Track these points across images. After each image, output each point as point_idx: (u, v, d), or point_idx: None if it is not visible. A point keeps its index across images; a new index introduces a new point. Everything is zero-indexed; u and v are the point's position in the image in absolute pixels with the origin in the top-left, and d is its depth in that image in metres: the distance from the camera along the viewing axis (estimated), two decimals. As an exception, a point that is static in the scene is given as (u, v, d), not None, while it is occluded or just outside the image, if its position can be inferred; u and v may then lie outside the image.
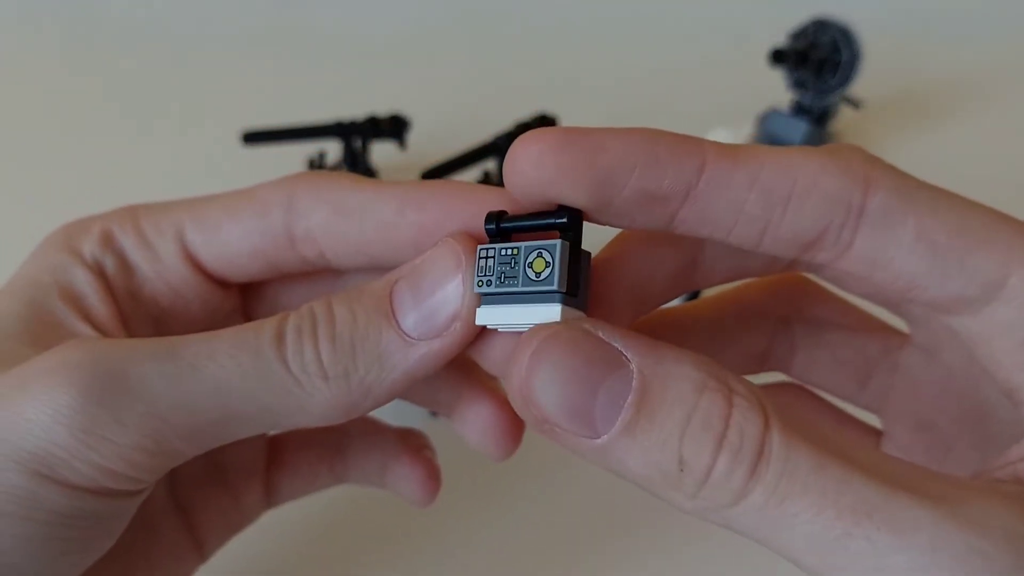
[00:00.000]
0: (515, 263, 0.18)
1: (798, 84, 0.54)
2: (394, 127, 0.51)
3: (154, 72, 0.71)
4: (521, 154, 0.17)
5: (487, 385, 0.24)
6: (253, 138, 0.50)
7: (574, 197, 0.17)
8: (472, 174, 0.50)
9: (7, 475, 0.18)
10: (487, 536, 0.33)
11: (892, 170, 0.18)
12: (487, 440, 0.24)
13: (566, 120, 0.50)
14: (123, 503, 0.20)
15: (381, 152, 0.53)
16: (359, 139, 0.51)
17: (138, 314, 0.23)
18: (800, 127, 0.54)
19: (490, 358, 0.20)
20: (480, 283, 0.19)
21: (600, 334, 0.17)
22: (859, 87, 0.53)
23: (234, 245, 0.22)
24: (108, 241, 0.23)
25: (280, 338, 0.19)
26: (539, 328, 0.17)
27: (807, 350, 0.24)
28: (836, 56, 0.52)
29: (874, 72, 0.55)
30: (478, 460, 0.26)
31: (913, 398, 0.23)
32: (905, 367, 0.23)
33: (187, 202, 0.23)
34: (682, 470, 0.16)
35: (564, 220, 0.18)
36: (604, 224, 0.18)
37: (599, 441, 0.16)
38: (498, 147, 0.48)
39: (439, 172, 0.48)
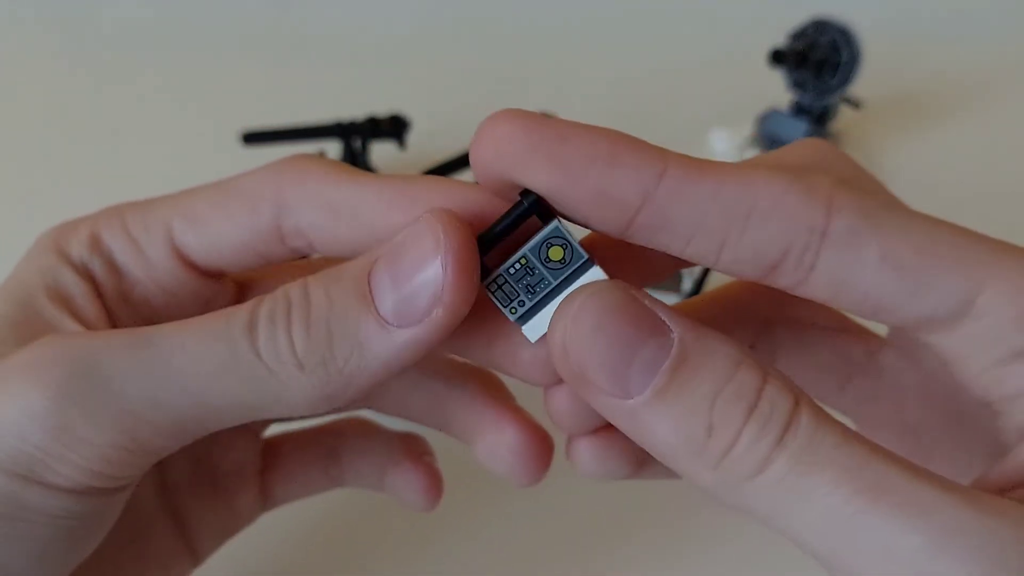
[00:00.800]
0: (533, 269, 0.18)
1: (798, 84, 0.54)
2: (394, 127, 0.51)
3: (153, 72, 0.71)
4: (487, 132, 0.17)
5: (511, 408, 0.23)
6: (253, 138, 0.50)
7: (533, 182, 0.17)
8: (471, 174, 0.50)
9: None
10: (485, 540, 0.33)
11: (858, 193, 0.17)
12: (516, 465, 0.23)
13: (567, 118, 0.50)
14: (106, 500, 0.19)
15: (381, 152, 0.53)
16: (359, 139, 0.51)
17: (130, 315, 0.22)
18: (800, 127, 0.54)
19: (523, 361, 0.20)
20: (514, 310, 0.18)
21: (645, 301, 0.17)
22: (859, 87, 0.53)
23: (224, 239, 0.21)
24: (95, 244, 0.22)
25: (252, 325, 0.18)
26: (588, 286, 0.17)
27: (788, 351, 0.24)
28: (836, 56, 0.52)
29: (874, 72, 0.55)
30: (475, 464, 0.25)
31: (893, 403, 0.23)
32: (886, 371, 0.23)
33: (173, 198, 0.23)
34: (710, 436, 0.16)
35: (531, 203, 0.18)
36: (567, 220, 0.18)
37: (630, 403, 0.16)
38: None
39: (438, 173, 0.48)
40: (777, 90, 0.55)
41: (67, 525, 0.19)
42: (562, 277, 0.18)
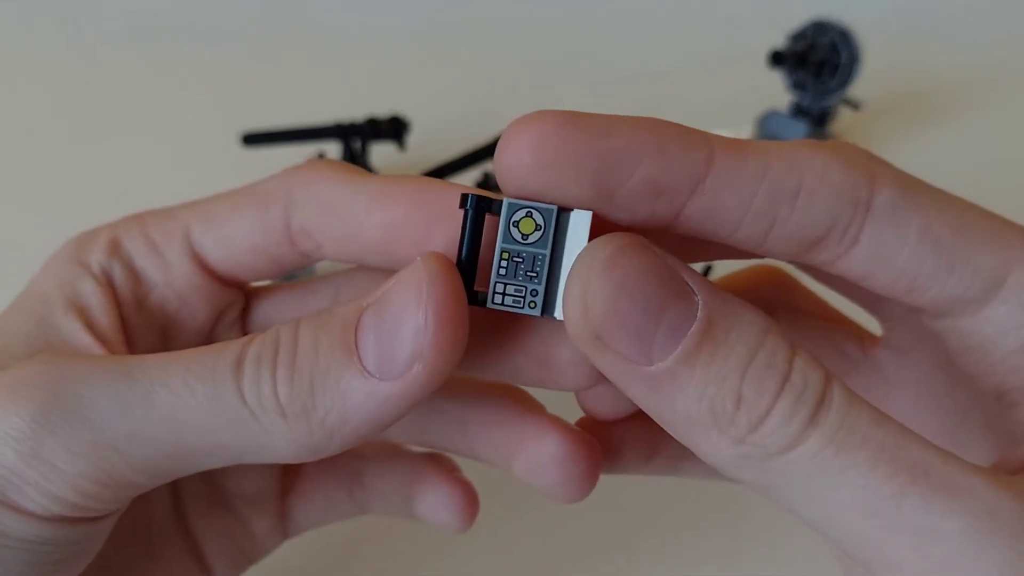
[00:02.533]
0: (519, 254, 0.17)
1: (797, 86, 0.54)
2: (393, 128, 0.51)
3: (153, 73, 0.71)
4: (516, 137, 0.16)
5: (548, 417, 0.22)
6: (253, 140, 0.50)
7: (575, 187, 0.16)
8: (472, 175, 0.50)
9: None
10: (491, 546, 0.33)
11: (894, 167, 0.17)
12: (563, 478, 0.21)
13: (565, 121, 0.50)
14: (83, 530, 0.19)
15: (381, 153, 0.53)
16: (358, 140, 0.51)
17: (144, 324, 0.22)
18: (799, 128, 0.54)
19: (561, 363, 0.18)
20: (533, 305, 0.17)
21: (668, 261, 0.16)
22: (858, 88, 0.53)
23: (238, 241, 0.21)
24: (115, 249, 0.22)
25: (240, 365, 0.17)
26: (611, 237, 0.16)
27: None
28: (835, 58, 0.52)
29: (873, 74, 0.55)
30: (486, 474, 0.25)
31: (887, 400, 0.22)
32: (881, 369, 0.22)
33: (192, 203, 0.22)
34: (738, 408, 0.15)
35: (473, 203, 0.17)
36: (605, 217, 0.17)
37: (651, 369, 0.15)
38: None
39: (439, 174, 0.48)
40: (777, 91, 0.55)
41: (42, 551, 0.18)
42: (550, 241, 0.17)
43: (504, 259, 0.17)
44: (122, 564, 0.21)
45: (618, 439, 0.21)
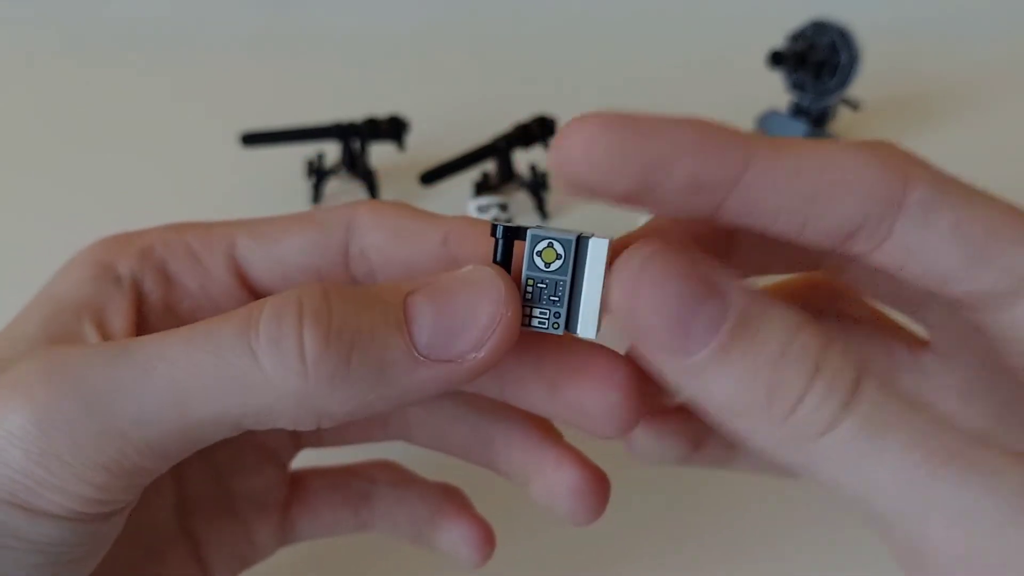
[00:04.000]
0: (542, 281, 0.18)
1: (797, 86, 0.54)
2: (393, 128, 0.51)
3: (153, 74, 0.71)
4: (569, 137, 0.17)
5: (567, 447, 0.23)
6: (252, 140, 0.50)
7: (622, 182, 0.17)
8: (471, 175, 0.50)
9: None
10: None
11: (928, 165, 0.18)
12: (576, 505, 0.22)
13: (564, 122, 0.50)
14: (97, 526, 0.19)
15: (380, 153, 0.53)
16: (358, 140, 0.51)
17: (171, 328, 0.22)
18: (799, 129, 0.54)
19: (592, 414, 0.20)
20: (556, 325, 0.18)
21: (702, 265, 0.17)
22: (857, 89, 0.53)
23: (290, 259, 0.22)
24: (148, 254, 0.22)
25: (250, 325, 0.17)
26: (645, 242, 0.17)
27: None
28: (835, 58, 0.52)
29: (872, 74, 0.55)
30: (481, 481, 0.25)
31: (936, 400, 0.23)
32: (928, 371, 0.23)
33: (236, 221, 0.23)
34: (773, 396, 0.16)
35: (503, 233, 0.18)
36: (646, 210, 0.18)
37: (691, 360, 0.16)
38: (497, 148, 0.48)
39: (439, 173, 0.48)
40: (776, 91, 0.55)
41: (56, 551, 0.18)
42: (570, 268, 0.18)
43: (529, 285, 0.18)
44: (124, 565, 0.21)
45: (667, 428, 0.21)
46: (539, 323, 0.18)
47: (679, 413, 0.21)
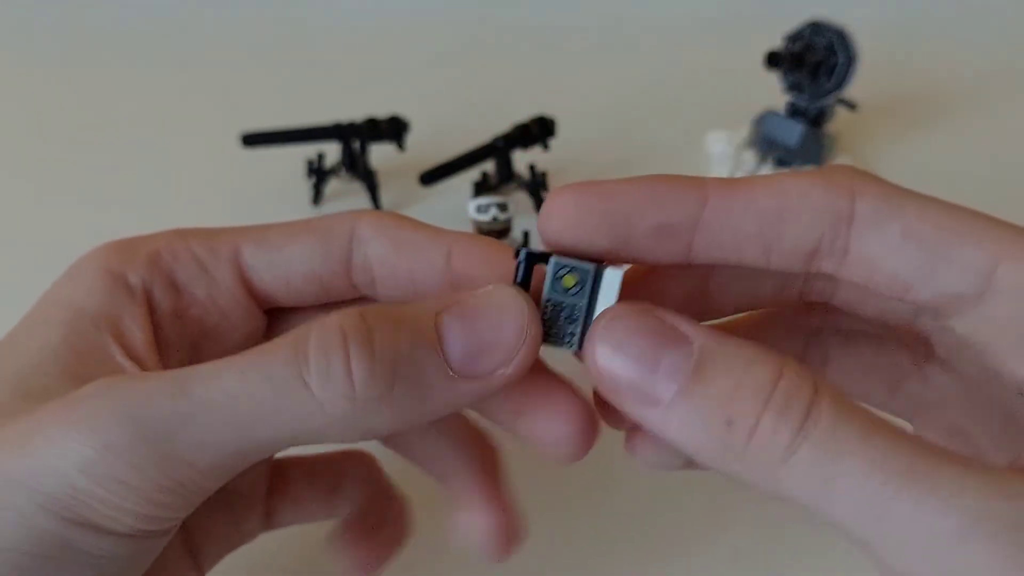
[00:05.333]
0: (561, 304, 0.20)
1: (794, 86, 0.54)
2: (393, 129, 0.51)
3: (154, 74, 0.71)
4: (551, 206, 0.19)
5: (496, 491, 0.24)
6: (252, 140, 0.50)
7: (597, 239, 0.19)
8: (471, 175, 0.50)
9: (38, 520, 0.18)
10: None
11: (877, 180, 0.19)
12: (485, 547, 0.24)
13: (563, 122, 0.51)
14: (154, 541, 0.20)
15: (380, 154, 0.53)
16: (358, 141, 0.51)
17: (179, 337, 0.23)
18: (796, 129, 0.55)
19: (549, 440, 0.22)
20: (570, 344, 0.20)
21: (666, 317, 0.18)
22: (855, 89, 0.54)
23: (294, 266, 0.23)
24: (155, 262, 0.23)
25: (299, 355, 0.18)
26: (607, 311, 0.19)
27: (839, 359, 0.24)
28: (832, 59, 0.52)
29: (869, 74, 0.55)
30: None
31: (940, 407, 0.23)
32: (931, 380, 0.23)
33: (239, 228, 0.24)
34: (730, 428, 0.17)
35: (525, 257, 0.20)
36: (630, 262, 0.20)
37: (660, 408, 0.18)
38: (496, 149, 0.49)
39: (438, 174, 0.48)
40: (774, 92, 0.55)
41: (111, 567, 0.19)
42: (587, 295, 0.20)
43: (549, 307, 0.20)
44: None
45: (663, 443, 0.21)
46: (555, 341, 0.20)
47: None
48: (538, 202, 0.51)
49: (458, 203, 0.50)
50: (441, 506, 0.25)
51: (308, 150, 0.52)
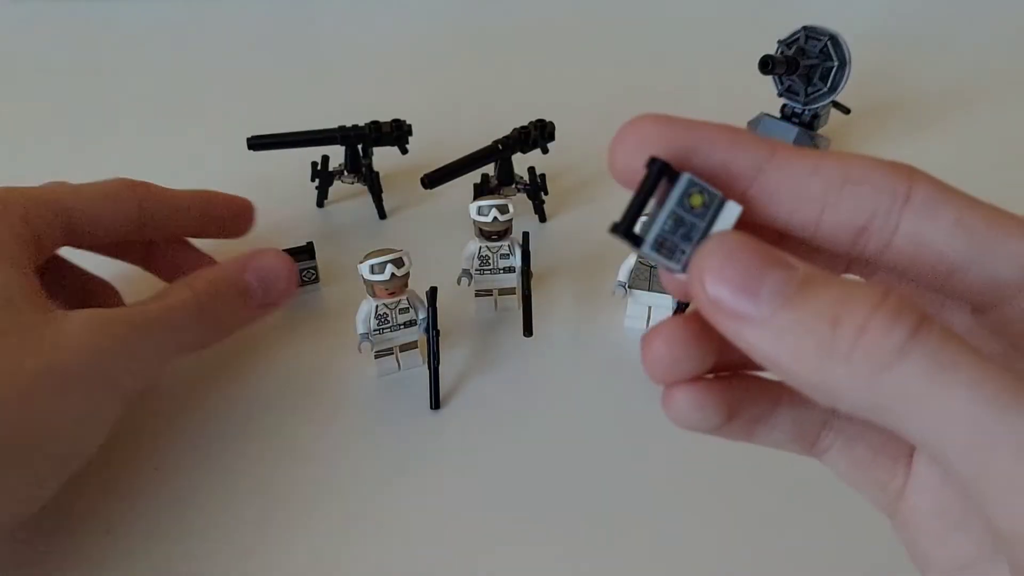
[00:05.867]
0: (682, 220, 0.20)
1: (788, 90, 0.55)
2: (396, 133, 0.52)
3: (160, 79, 0.72)
4: (628, 130, 0.20)
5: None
6: (257, 144, 0.51)
7: (670, 151, 0.20)
8: (472, 178, 0.51)
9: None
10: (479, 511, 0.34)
11: (931, 176, 0.20)
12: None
13: (562, 126, 0.51)
14: (128, 402, 0.34)
15: (383, 157, 0.54)
16: (361, 144, 0.52)
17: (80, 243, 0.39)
18: (790, 132, 0.55)
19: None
20: (678, 260, 0.20)
21: (773, 248, 0.19)
22: (848, 93, 0.54)
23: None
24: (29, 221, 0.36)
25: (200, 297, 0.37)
26: (716, 235, 0.19)
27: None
28: (825, 63, 0.53)
29: (862, 79, 0.56)
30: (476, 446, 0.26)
31: None
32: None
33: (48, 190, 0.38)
34: (835, 328, 0.17)
35: (659, 167, 0.19)
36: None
37: (759, 318, 0.18)
38: (497, 152, 0.49)
39: (440, 176, 0.49)
40: (768, 96, 0.56)
41: (109, 421, 0.33)
42: (708, 218, 0.20)
43: (673, 220, 0.20)
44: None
45: (707, 399, 0.22)
46: (665, 256, 0.20)
47: (718, 383, 0.22)
48: (537, 204, 0.52)
49: (459, 205, 0.51)
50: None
51: (312, 153, 0.53)
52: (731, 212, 0.20)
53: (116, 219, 0.39)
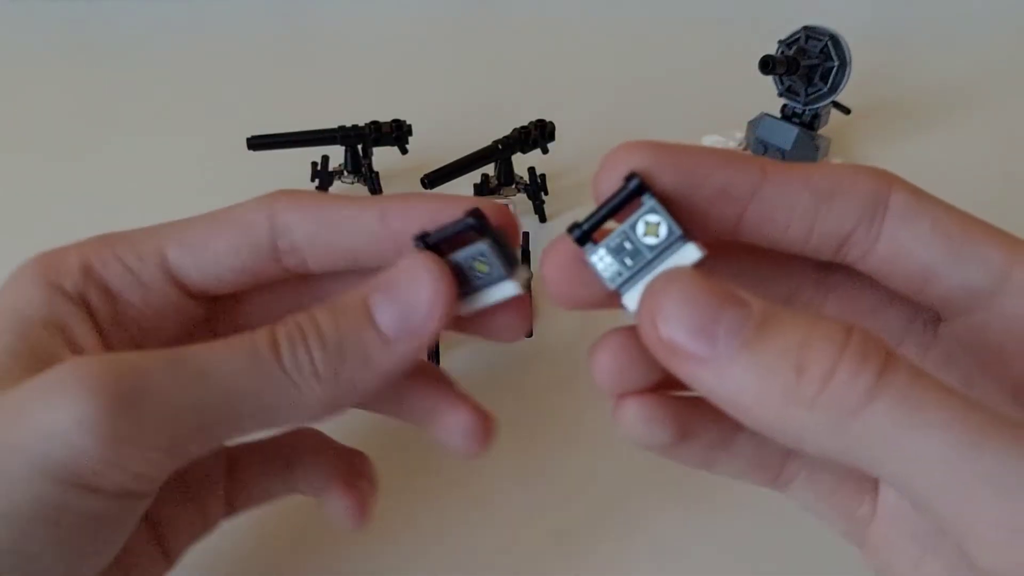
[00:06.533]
0: (632, 243, 0.20)
1: (788, 91, 0.55)
2: (396, 133, 0.52)
3: (159, 78, 0.72)
4: (620, 153, 0.20)
5: (461, 396, 0.26)
6: (257, 144, 0.51)
7: (668, 179, 0.20)
8: (472, 178, 0.51)
9: (35, 485, 0.19)
10: (471, 534, 0.34)
11: (908, 182, 0.21)
12: (468, 442, 0.25)
13: (562, 126, 0.51)
14: (137, 503, 0.22)
15: (383, 157, 0.54)
16: (361, 144, 0.52)
17: (121, 338, 0.24)
18: (791, 132, 0.55)
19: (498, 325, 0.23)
20: (613, 280, 0.20)
21: (726, 284, 0.18)
22: (848, 93, 0.54)
23: (221, 262, 0.24)
24: (89, 273, 0.24)
25: (275, 345, 0.21)
26: (668, 271, 0.19)
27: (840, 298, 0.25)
28: (826, 63, 0.53)
29: (863, 79, 0.56)
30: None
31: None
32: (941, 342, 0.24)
33: (163, 227, 0.25)
34: (801, 374, 0.17)
35: (635, 185, 0.19)
36: (688, 221, 0.20)
37: (717, 360, 0.17)
38: (497, 152, 0.49)
39: (440, 177, 0.49)
40: (769, 96, 0.56)
41: (103, 528, 0.21)
42: (658, 251, 0.19)
43: (620, 237, 0.20)
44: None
45: (656, 412, 0.22)
46: (604, 268, 0.20)
47: (672, 401, 0.22)
48: (538, 204, 0.52)
49: (460, 205, 0.50)
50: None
51: (313, 153, 0.53)
52: (688, 254, 0.19)
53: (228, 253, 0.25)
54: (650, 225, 0.19)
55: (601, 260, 0.20)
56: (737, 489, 0.35)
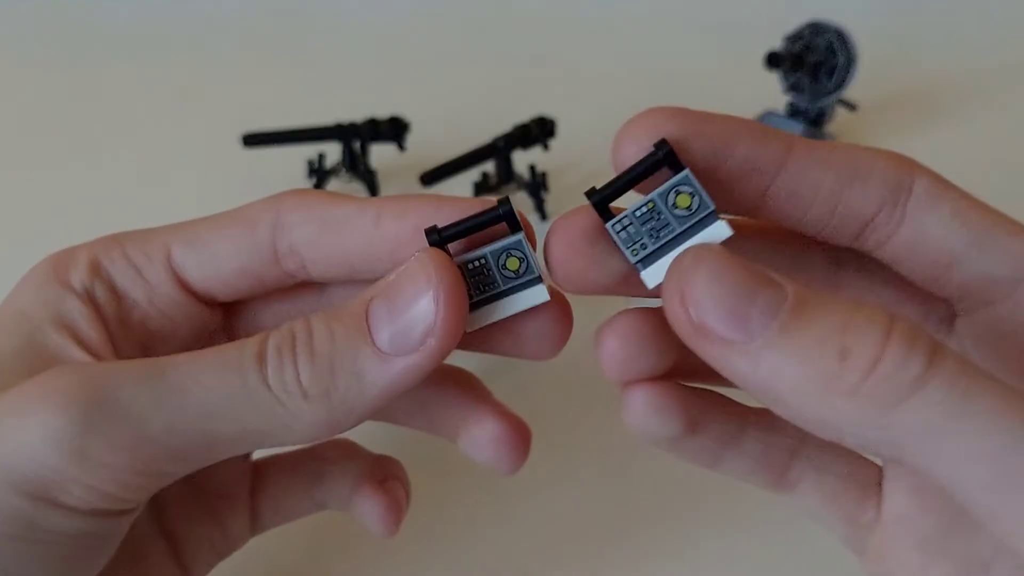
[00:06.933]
0: (659, 214, 0.18)
1: (794, 87, 0.55)
2: (393, 129, 0.52)
3: (154, 74, 0.71)
4: (644, 118, 0.19)
5: (491, 402, 0.24)
6: (253, 140, 0.51)
7: (697, 148, 0.19)
8: (471, 176, 0.50)
9: (8, 499, 0.18)
10: (486, 540, 0.33)
11: (928, 168, 0.20)
12: (499, 456, 0.23)
13: (563, 123, 0.51)
14: (115, 522, 0.20)
15: (380, 154, 0.54)
16: (358, 141, 0.51)
17: (128, 339, 0.23)
18: (796, 129, 0.55)
19: (528, 337, 0.21)
20: (635, 252, 0.19)
21: (757, 265, 0.17)
22: (854, 90, 0.54)
23: (224, 263, 0.23)
24: (96, 270, 0.23)
25: (261, 358, 0.19)
26: (697, 247, 0.18)
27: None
28: (832, 59, 0.53)
29: (869, 75, 0.55)
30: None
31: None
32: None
33: (171, 227, 0.24)
34: (844, 359, 0.16)
35: (665, 152, 0.18)
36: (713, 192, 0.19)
37: (751, 345, 0.16)
38: (496, 149, 0.49)
39: (438, 174, 0.48)
40: (774, 92, 0.55)
41: (78, 545, 0.19)
42: (687, 225, 0.18)
43: (648, 207, 0.18)
44: (111, 569, 0.21)
45: (666, 402, 0.21)
46: (626, 239, 0.19)
47: (681, 390, 0.21)
48: (538, 202, 0.51)
49: (458, 203, 0.50)
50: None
51: (309, 150, 0.53)
52: (718, 231, 0.18)
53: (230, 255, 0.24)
54: (682, 196, 0.18)
55: (624, 230, 0.18)
56: (756, 500, 0.34)
